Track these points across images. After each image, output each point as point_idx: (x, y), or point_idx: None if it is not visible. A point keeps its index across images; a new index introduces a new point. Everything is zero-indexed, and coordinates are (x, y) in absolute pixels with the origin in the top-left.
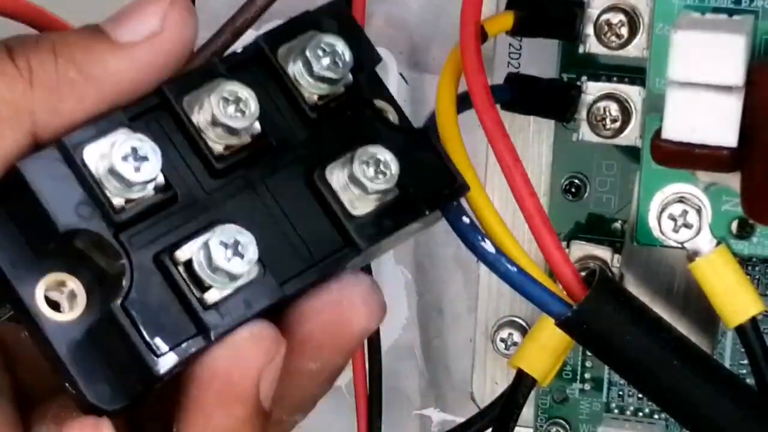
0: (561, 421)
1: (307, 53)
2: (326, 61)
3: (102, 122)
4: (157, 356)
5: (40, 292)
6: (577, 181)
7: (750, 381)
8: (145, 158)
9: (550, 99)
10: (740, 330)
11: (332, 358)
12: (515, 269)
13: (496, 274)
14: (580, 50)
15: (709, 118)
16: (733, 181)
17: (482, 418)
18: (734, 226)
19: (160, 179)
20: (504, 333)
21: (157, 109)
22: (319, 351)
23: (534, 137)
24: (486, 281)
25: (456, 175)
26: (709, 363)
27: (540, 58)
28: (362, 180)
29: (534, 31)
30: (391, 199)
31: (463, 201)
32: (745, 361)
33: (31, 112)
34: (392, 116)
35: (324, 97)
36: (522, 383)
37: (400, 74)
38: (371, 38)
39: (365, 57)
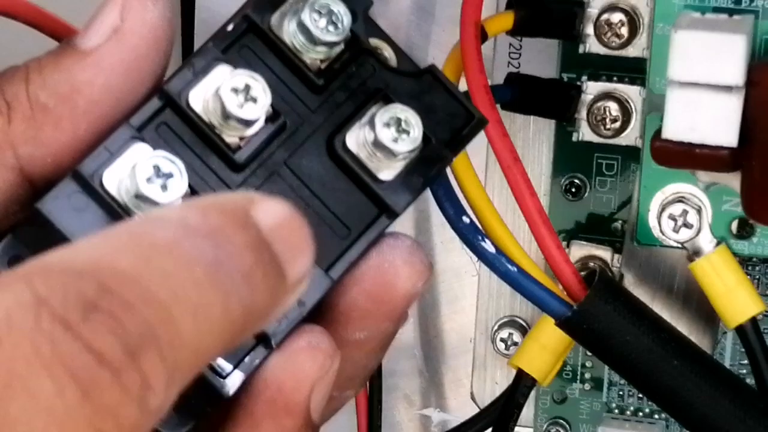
0: (561, 421)
1: (304, 19)
2: (323, 22)
3: (111, 142)
4: (224, 378)
5: None
6: (577, 181)
7: (750, 381)
8: (170, 175)
9: (550, 99)
10: (740, 330)
11: (380, 324)
12: (515, 269)
13: (496, 274)
14: (580, 50)
15: (709, 118)
16: (733, 181)
17: (482, 418)
18: (734, 226)
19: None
20: (504, 333)
21: (163, 112)
22: (365, 319)
23: (534, 137)
24: (486, 281)
25: (472, 110)
26: (709, 363)
27: (540, 58)
28: (387, 144)
29: (534, 31)
30: (416, 154)
31: (463, 201)
32: (745, 361)
33: (13, 147)
34: (388, 53)
35: (326, 60)
36: (522, 383)
37: None
38: None
39: (357, 3)
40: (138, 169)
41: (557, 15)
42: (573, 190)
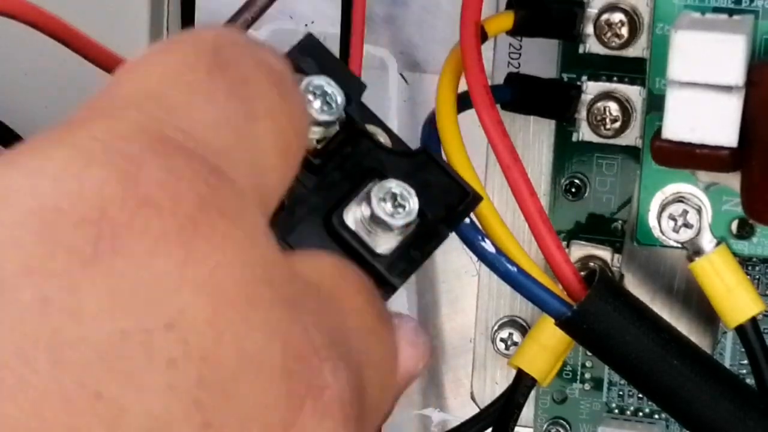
0: (561, 421)
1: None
2: (318, 104)
3: None
4: None
5: None
6: (577, 181)
7: (750, 381)
8: None
9: (550, 99)
10: (740, 330)
11: None
12: (515, 269)
13: (496, 274)
14: (580, 50)
15: (709, 118)
16: (733, 181)
17: (482, 418)
18: (734, 226)
19: None
20: (504, 333)
21: None
22: None
23: (534, 137)
24: (486, 281)
25: (466, 187)
26: (709, 363)
27: (540, 58)
28: (384, 218)
29: (534, 31)
30: (412, 229)
31: None
32: (745, 361)
33: None
34: (383, 139)
35: (322, 140)
36: (522, 383)
37: (400, 74)
38: (371, 38)
39: (352, 88)
40: None
41: (557, 15)
42: (573, 190)
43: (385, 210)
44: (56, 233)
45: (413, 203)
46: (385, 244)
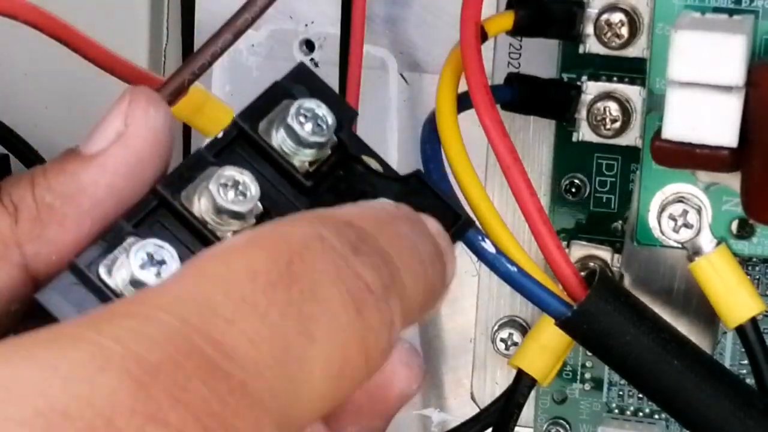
0: (561, 421)
1: (289, 122)
2: (309, 126)
3: (108, 235)
4: None
5: None
6: (577, 181)
7: (750, 381)
8: (162, 262)
9: (550, 99)
10: (740, 330)
11: (372, 421)
12: (515, 269)
13: (496, 274)
14: (580, 50)
15: (709, 118)
16: (733, 181)
17: (482, 418)
18: (734, 226)
19: None
20: (504, 333)
21: (157, 210)
22: (358, 415)
23: (534, 137)
24: (486, 281)
25: (458, 211)
26: (709, 363)
27: (540, 58)
28: None
29: (534, 31)
30: None
31: (463, 201)
32: (745, 361)
33: (19, 245)
34: (374, 166)
35: (314, 163)
36: (522, 383)
37: (400, 74)
38: (371, 38)
39: (343, 114)
40: (131, 256)
41: (557, 15)
42: (573, 190)
43: None
44: None
45: None
46: None
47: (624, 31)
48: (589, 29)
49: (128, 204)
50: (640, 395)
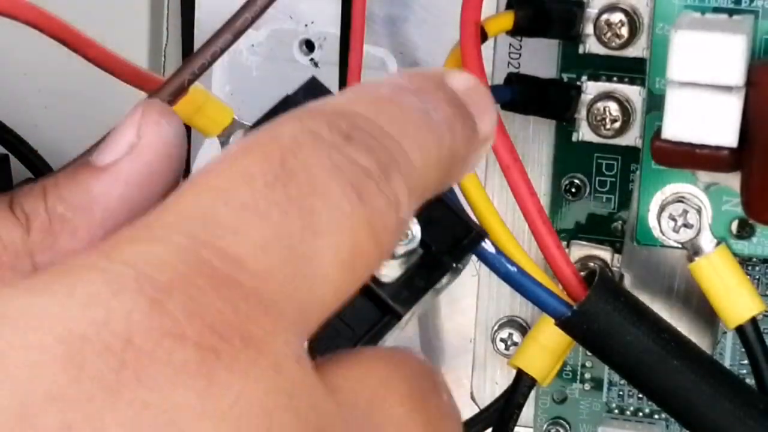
0: (561, 421)
1: None
2: None
3: None
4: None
5: None
6: (577, 181)
7: (750, 381)
8: None
9: (550, 99)
10: (740, 330)
11: None
12: (515, 269)
13: (496, 274)
14: (580, 50)
15: (709, 118)
16: (733, 181)
17: (482, 418)
18: (734, 226)
19: None
20: (504, 333)
21: None
22: None
23: (534, 137)
24: (486, 281)
25: (471, 223)
26: (708, 363)
27: (540, 58)
28: None
29: (534, 31)
30: (416, 260)
31: (463, 201)
32: (745, 361)
33: (30, 256)
34: None
35: None
36: (522, 383)
37: None
38: (371, 38)
39: None
40: None
41: (557, 15)
42: (573, 190)
43: None
44: (81, 361)
45: (416, 231)
46: (389, 272)
47: (624, 31)
48: (589, 29)
49: (140, 215)
50: (640, 395)
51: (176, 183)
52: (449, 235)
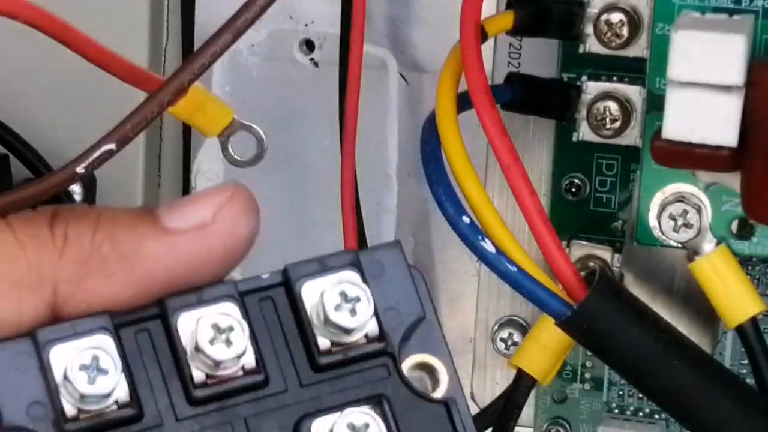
0: (561, 421)
1: (325, 296)
2: (345, 309)
3: (83, 322)
4: None
5: None
6: (577, 181)
7: (750, 381)
8: (104, 371)
9: (550, 99)
10: (740, 330)
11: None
12: (515, 269)
13: (496, 274)
14: (580, 50)
15: (709, 118)
16: (733, 181)
17: (482, 418)
18: (734, 226)
19: (123, 395)
20: (504, 333)
21: (152, 320)
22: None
23: (534, 137)
24: (486, 281)
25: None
26: (709, 363)
27: (540, 58)
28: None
29: (534, 31)
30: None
31: (463, 201)
32: (745, 361)
33: (54, 282)
34: (439, 371)
35: (338, 345)
36: (522, 383)
37: (400, 74)
38: (371, 38)
39: (407, 306)
40: (78, 352)
41: (557, 15)
42: (573, 190)
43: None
44: None
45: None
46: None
47: (624, 31)
48: (589, 29)
49: (176, 287)
50: (640, 395)
51: (223, 277)
52: None
